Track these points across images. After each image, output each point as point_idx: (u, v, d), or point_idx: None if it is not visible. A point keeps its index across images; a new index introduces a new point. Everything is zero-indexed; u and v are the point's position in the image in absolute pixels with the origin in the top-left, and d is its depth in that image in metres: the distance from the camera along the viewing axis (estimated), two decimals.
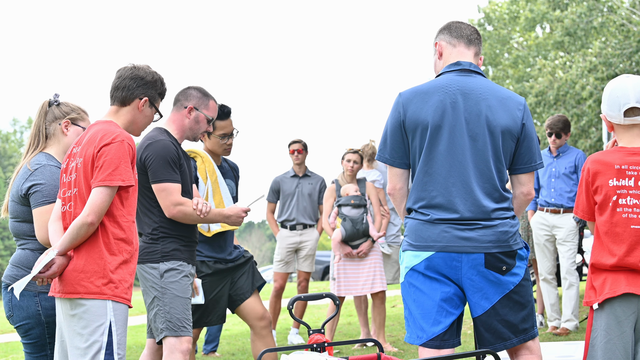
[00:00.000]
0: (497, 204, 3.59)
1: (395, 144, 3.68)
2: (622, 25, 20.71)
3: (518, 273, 3.59)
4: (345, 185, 7.59)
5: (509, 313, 3.58)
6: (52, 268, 3.65)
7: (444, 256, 3.54)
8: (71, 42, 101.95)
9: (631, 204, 3.58)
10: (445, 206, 3.57)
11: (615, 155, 3.65)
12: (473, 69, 3.69)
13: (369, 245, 7.45)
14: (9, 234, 48.75)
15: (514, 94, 3.70)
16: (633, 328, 3.58)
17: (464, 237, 3.53)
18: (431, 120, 3.58)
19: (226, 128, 5.50)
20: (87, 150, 3.77)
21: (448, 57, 3.75)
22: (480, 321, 3.61)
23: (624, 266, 3.56)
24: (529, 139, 3.68)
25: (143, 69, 4.04)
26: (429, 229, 3.58)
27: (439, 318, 3.56)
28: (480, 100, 3.61)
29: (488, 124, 3.59)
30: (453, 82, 3.65)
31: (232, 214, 4.80)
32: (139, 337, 10.90)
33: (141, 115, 4.00)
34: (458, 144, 3.57)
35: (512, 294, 3.58)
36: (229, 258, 5.39)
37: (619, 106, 3.65)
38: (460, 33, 3.76)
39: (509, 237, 3.57)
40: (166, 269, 4.54)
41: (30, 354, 4.30)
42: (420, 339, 3.60)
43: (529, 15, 28.13)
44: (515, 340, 3.61)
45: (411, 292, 3.63)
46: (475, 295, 3.57)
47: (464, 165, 3.57)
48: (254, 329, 5.34)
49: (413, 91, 3.67)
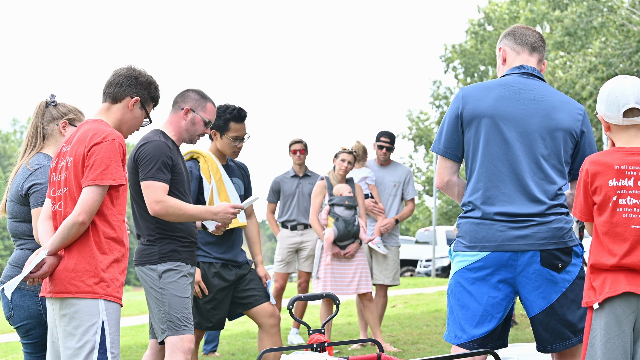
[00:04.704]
0: (552, 201, 3.59)
1: (450, 135, 3.69)
2: (622, 25, 20.71)
3: (572, 271, 3.58)
4: (338, 185, 7.58)
5: (568, 312, 3.56)
6: (42, 268, 3.63)
7: (500, 255, 3.53)
8: (71, 43, 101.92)
9: (631, 204, 3.58)
10: (499, 198, 3.57)
11: (614, 156, 3.65)
12: (536, 74, 3.74)
13: (357, 247, 7.49)
14: (9, 234, 48.68)
15: (574, 101, 3.75)
16: (632, 327, 3.58)
17: (519, 235, 3.53)
18: (489, 112, 3.61)
19: (240, 131, 5.52)
20: (77, 149, 3.74)
21: (512, 63, 3.79)
22: (538, 320, 3.59)
23: (624, 266, 3.56)
24: (590, 144, 3.71)
25: (139, 71, 4.04)
26: (483, 229, 3.57)
27: (482, 321, 3.55)
28: (541, 100, 3.65)
29: (547, 123, 3.62)
30: (516, 81, 3.69)
31: (220, 210, 4.68)
32: (139, 337, 10.90)
33: (130, 115, 3.96)
34: (515, 138, 3.59)
35: (568, 292, 3.57)
36: (240, 260, 5.43)
37: (618, 107, 3.65)
38: (525, 40, 3.79)
39: (564, 234, 3.57)
40: (164, 270, 4.54)
41: (30, 354, 4.30)
42: (458, 339, 3.59)
43: (529, 15, 28.14)
44: (575, 339, 3.59)
45: (457, 291, 3.61)
46: (532, 294, 3.55)
47: (520, 159, 3.58)
48: (263, 327, 5.35)
49: (475, 86, 3.72)
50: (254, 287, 5.37)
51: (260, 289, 5.39)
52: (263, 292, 5.39)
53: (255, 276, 5.44)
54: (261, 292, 5.38)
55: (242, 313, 5.41)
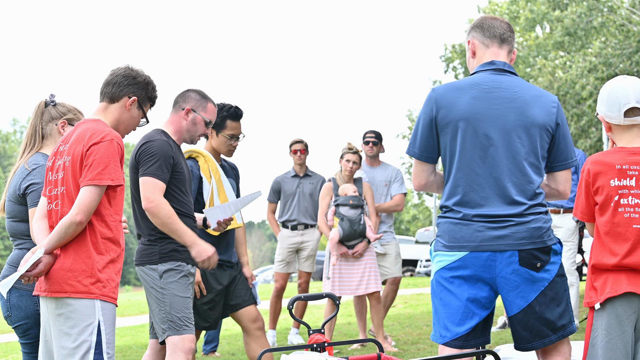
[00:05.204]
0: (530, 200, 3.57)
1: (425, 139, 3.67)
2: (622, 25, 20.71)
3: (551, 269, 3.57)
4: (343, 185, 7.59)
5: (546, 310, 3.55)
6: (38, 266, 3.62)
7: (478, 256, 3.53)
8: (71, 43, 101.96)
9: (633, 204, 3.58)
10: (478, 202, 3.56)
11: (616, 156, 3.65)
12: (507, 69, 3.70)
13: (365, 246, 7.47)
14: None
15: (547, 93, 3.71)
16: (633, 327, 3.58)
17: (498, 235, 3.52)
18: (464, 116, 3.58)
19: (236, 129, 5.55)
20: (75, 148, 3.73)
21: (482, 57, 3.75)
22: (517, 320, 3.58)
23: (625, 266, 3.56)
24: (564, 136, 3.68)
25: (137, 71, 4.03)
26: (462, 229, 3.56)
27: (464, 319, 3.55)
28: (515, 97, 3.61)
29: (523, 120, 3.59)
30: (487, 79, 3.65)
31: (204, 249, 4.50)
32: (139, 337, 10.90)
33: (128, 115, 3.96)
34: (491, 139, 3.57)
35: (547, 291, 3.55)
36: (233, 261, 5.46)
37: (619, 107, 3.65)
38: (493, 32, 3.75)
39: (542, 233, 3.55)
40: (165, 270, 4.54)
41: (29, 354, 4.29)
42: (443, 338, 3.60)
43: (529, 15, 28.14)
44: (554, 337, 3.58)
45: (439, 291, 3.62)
46: (511, 294, 3.55)
47: (496, 161, 3.57)
48: (247, 331, 5.39)
49: (446, 87, 3.68)
50: (242, 289, 5.41)
51: (247, 290, 5.43)
52: (249, 294, 5.43)
53: (243, 278, 5.48)
54: (248, 295, 5.42)
55: (229, 314, 5.44)
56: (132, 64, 4.07)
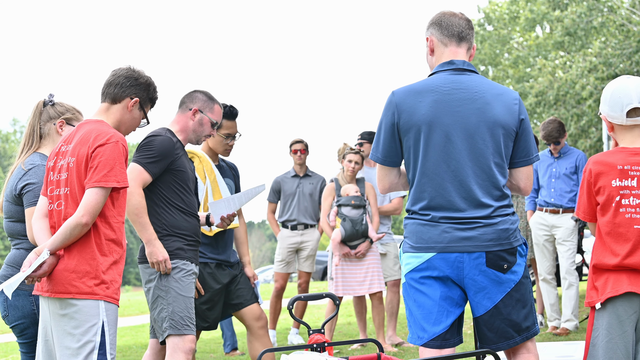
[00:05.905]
0: (497, 202, 3.56)
1: (388, 144, 3.64)
2: (622, 25, 20.71)
3: (517, 271, 3.57)
4: (345, 185, 7.59)
5: (512, 312, 3.56)
6: (42, 267, 3.62)
7: (445, 257, 3.52)
8: (71, 43, 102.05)
9: (634, 204, 3.58)
10: (445, 206, 3.54)
11: (618, 156, 3.65)
12: (467, 68, 3.66)
13: (367, 246, 7.46)
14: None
15: (508, 89, 3.67)
16: (634, 327, 3.58)
17: (465, 236, 3.51)
18: (426, 120, 3.55)
19: (231, 129, 5.57)
20: (80, 149, 3.73)
21: (440, 55, 3.71)
22: (483, 321, 3.59)
23: (626, 266, 3.56)
24: (527, 132, 3.66)
25: (138, 72, 4.05)
26: (429, 230, 3.55)
27: (440, 318, 3.54)
28: (476, 97, 3.58)
29: (486, 121, 3.56)
30: (447, 81, 3.61)
31: (158, 253, 4.47)
32: (139, 337, 10.90)
33: (129, 116, 3.98)
34: (454, 143, 3.54)
35: (513, 292, 3.56)
36: (232, 261, 5.45)
37: (622, 107, 3.65)
38: (452, 31, 3.69)
39: (509, 235, 3.55)
40: None
41: (27, 354, 4.29)
42: (421, 339, 3.58)
43: (529, 15, 28.13)
44: (518, 338, 3.59)
45: (411, 292, 3.61)
46: (478, 295, 3.55)
47: (461, 164, 3.54)
48: (251, 330, 5.39)
49: (406, 90, 3.63)
50: (244, 288, 5.42)
51: (249, 289, 5.43)
52: (252, 293, 5.43)
53: (244, 277, 5.48)
54: (250, 294, 5.42)
55: (232, 314, 5.44)
56: (133, 65, 4.08)
